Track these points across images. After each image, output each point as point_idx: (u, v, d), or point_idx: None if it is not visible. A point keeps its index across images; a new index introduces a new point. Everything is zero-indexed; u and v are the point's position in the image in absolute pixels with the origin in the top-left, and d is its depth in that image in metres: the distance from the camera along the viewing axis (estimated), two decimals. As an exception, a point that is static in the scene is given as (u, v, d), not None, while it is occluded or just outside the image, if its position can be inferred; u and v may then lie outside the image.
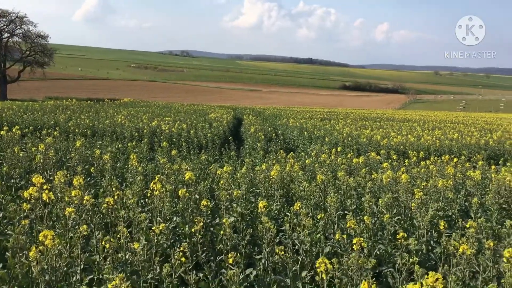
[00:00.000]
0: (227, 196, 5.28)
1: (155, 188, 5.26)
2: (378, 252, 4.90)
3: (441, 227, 4.59)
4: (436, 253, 4.94)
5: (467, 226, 4.43)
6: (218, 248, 4.20)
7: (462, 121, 38.12)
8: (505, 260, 3.59)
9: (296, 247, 4.49)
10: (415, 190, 5.88)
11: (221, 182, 6.11)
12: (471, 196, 7.01)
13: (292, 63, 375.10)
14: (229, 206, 5.33)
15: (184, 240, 4.65)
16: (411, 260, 3.76)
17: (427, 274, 2.94)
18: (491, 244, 4.06)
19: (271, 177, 6.50)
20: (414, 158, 11.61)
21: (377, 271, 4.62)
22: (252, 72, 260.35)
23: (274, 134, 20.26)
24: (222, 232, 4.17)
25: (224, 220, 4.19)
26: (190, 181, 5.42)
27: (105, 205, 5.13)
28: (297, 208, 4.74)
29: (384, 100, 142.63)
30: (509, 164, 12.61)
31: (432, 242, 5.17)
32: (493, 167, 10.97)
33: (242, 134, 23.46)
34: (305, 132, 21.27)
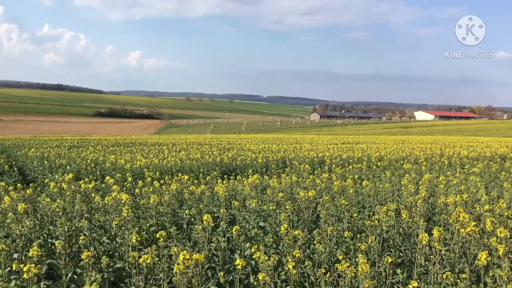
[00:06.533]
0: None
1: None
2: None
3: (134, 241, 4.78)
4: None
5: (157, 236, 4.74)
6: None
7: (208, 143, 41.05)
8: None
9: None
10: (123, 208, 5.97)
11: None
12: (189, 208, 7.55)
13: (39, 90, 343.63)
14: None
15: None
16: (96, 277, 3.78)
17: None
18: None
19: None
20: (149, 178, 11.95)
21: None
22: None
23: (7, 166, 18.21)
24: None
25: None
26: None
27: None
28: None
29: (141, 126, 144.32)
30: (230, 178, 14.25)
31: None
32: (219, 181, 12.18)
33: (-31, 169, 20.60)
34: (46, 162, 19.88)
